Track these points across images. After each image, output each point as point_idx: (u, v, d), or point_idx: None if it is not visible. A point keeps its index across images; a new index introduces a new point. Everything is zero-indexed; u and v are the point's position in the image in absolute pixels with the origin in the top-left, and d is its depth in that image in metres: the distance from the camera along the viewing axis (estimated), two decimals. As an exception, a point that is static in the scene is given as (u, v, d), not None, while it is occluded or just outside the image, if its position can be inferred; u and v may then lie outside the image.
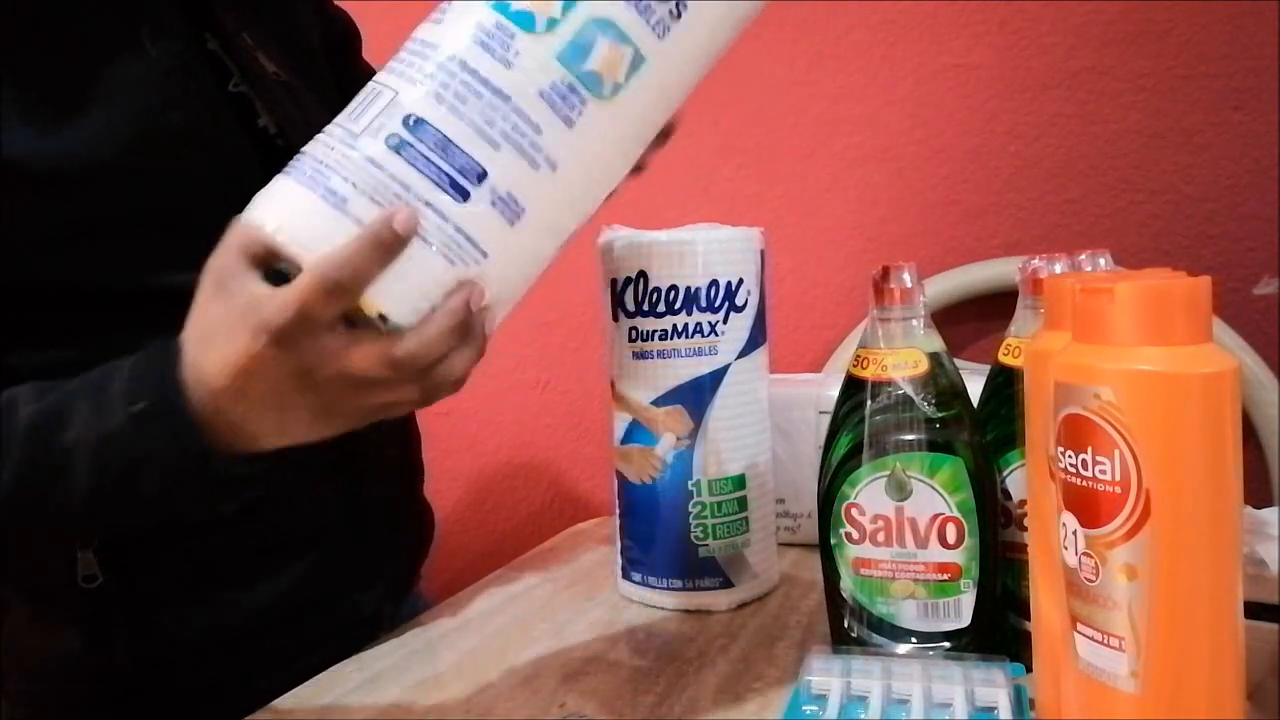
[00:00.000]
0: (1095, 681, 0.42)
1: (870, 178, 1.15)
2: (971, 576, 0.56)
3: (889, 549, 0.57)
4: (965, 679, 0.51)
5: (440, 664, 0.66)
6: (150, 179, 0.58)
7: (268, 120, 0.65)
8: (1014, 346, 0.58)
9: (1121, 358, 0.40)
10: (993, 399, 0.60)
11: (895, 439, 0.56)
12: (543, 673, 0.64)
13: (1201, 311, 0.40)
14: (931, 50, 1.12)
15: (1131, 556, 0.40)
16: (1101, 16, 1.06)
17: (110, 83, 0.56)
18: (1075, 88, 1.08)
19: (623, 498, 0.76)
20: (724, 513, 0.72)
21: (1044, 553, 0.48)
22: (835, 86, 1.15)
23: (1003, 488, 0.58)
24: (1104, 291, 0.40)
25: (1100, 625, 0.41)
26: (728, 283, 0.71)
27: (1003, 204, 1.11)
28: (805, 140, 1.17)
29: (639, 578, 0.75)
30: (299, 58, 0.70)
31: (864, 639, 0.58)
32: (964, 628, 0.57)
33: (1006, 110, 1.10)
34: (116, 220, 0.57)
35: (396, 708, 0.60)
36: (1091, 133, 1.07)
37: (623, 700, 0.59)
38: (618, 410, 0.75)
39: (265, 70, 0.66)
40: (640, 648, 0.67)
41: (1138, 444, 0.39)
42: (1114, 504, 0.40)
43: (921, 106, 1.13)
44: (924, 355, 0.57)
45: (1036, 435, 0.48)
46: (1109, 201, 1.07)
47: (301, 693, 0.62)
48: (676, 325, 0.70)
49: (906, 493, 0.57)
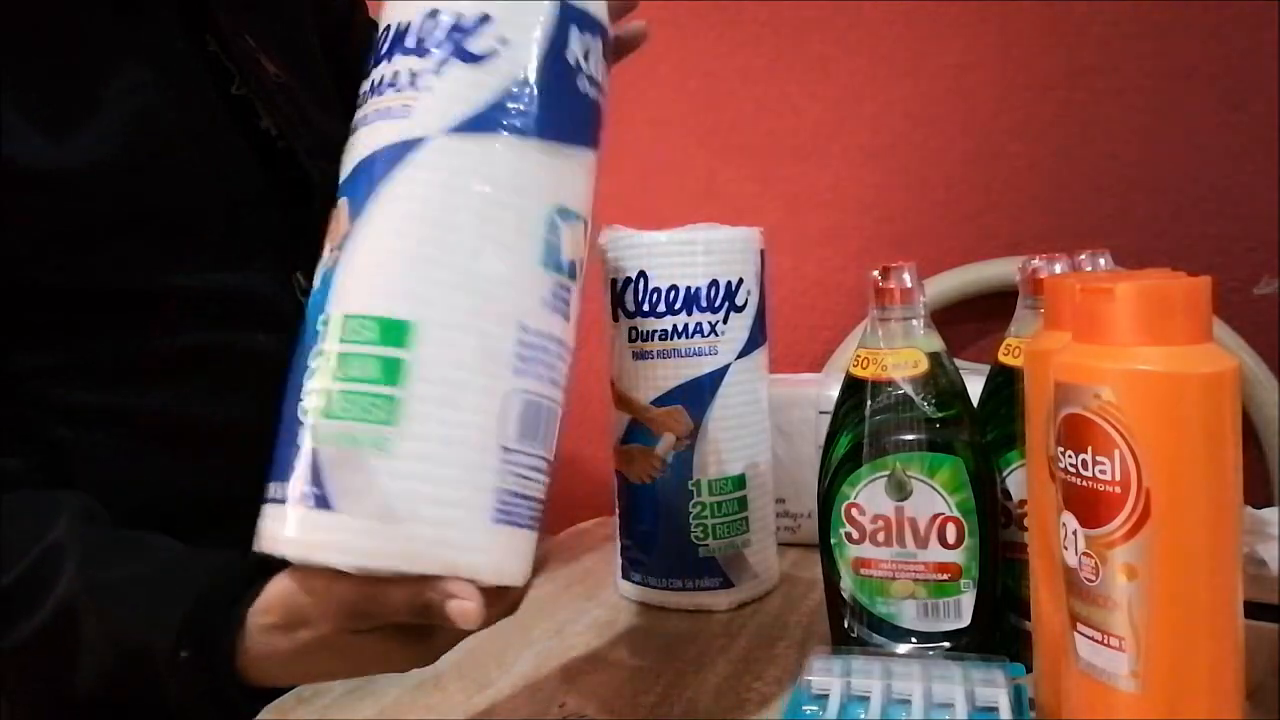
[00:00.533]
0: (1095, 681, 0.42)
1: (870, 178, 1.15)
2: (971, 576, 0.56)
3: (889, 549, 0.57)
4: (965, 679, 0.51)
5: (440, 664, 0.66)
6: (151, 181, 0.57)
7: (269, 122, 0.65)
8: (1014, 346, 0.58)
9: (1121, 358, 0.40)
10: (993, 399, 0.60)
11: (895, 439, 0.56)
12: (543, 673, 0.64)
13: (1201, 311, 0.40)
14: (931, 50, 1.12)
15: (1131, 556, 0.40)
16: (1101, 16, 1.06)
17: (112, 87, 0.56)
18: (1075, 88, 1.08)
19: (623, 498, 0.76)
20: (724, 513, 0.72)
21: (1044, 553, 0.48)
22: (835, 87, 1.16)
23: (1003, 488, 0.58)
24: (1104, 291, 0.40)
25: (1100, 625, 0.41)
26: (728, 283, 0.71)
27: (1003, 204, 1.11)
28: (805, 140, 1.17)
29: (639, 578, 0.75)
30: (297, 57, 0.70)
31: (864, 639, 0.58)
32: (964, 628, 0.57)
33: (1006, 110, 1.10)
34: (118, 222, 0.56)
35: (396, 707, 0.60)
36: (1091, 133, 1.07)
37: (623, 700, 0.59)
38: (618, 410, 0.75)
39: (266, 72, 0.65)
40: (640, 648, 0.67)
41: (1138, 444, 0.39)
42: (1114, 504, 0.40)
43: (921, 106, 1.13)
44: (924, 355, 0.57)
45: (1036, 435, 0.48)
46: (1109, 201, 1.07)
47: (302, 693, 0.62)
48: (676, 325, 0.71)
49: (906, 493, 0.57)
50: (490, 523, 0.43)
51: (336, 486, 0.41)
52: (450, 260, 0.43)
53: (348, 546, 0.41)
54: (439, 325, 0.42)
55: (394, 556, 0.41)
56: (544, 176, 0.45)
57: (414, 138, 0.43)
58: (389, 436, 0.41)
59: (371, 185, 0.44)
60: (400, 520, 0.41)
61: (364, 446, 0.41)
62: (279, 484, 0.42)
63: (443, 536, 0.42)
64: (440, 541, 0.42)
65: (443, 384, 0.42)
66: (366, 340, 0.42)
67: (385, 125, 0.44)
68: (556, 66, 0.45)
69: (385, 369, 0.41)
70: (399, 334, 0.42)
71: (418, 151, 0.43)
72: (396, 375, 0.41)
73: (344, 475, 0.41)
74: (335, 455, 0.41)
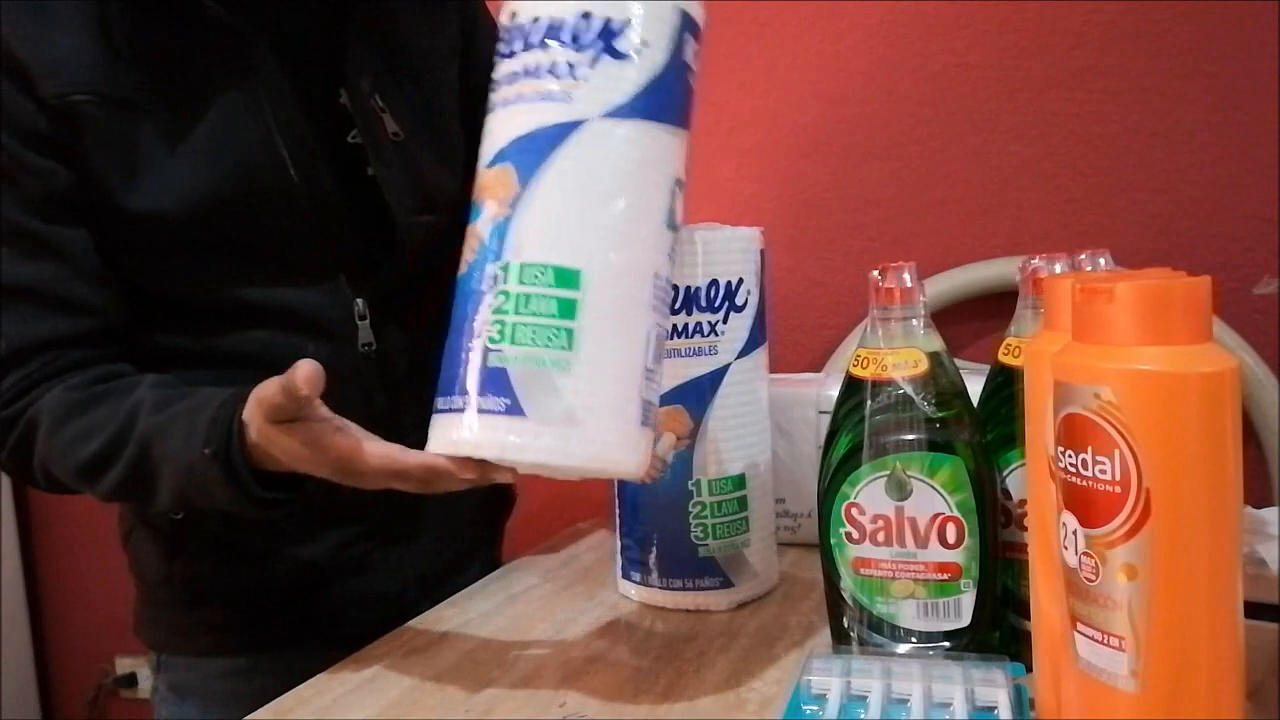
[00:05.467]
0: (1095, 681, 0.42)
1: (870, 178, 1.15)
2: (971, 576, 0.56)
3: (889, 549, 0.57)
4: (965, 679, 0.51)
5: (440, 664, 0.66)
6: (255, 219, 0.69)
7: (377, 170, 0.73)
8: (1014, 346, 0.58)
9: (1121, 357, 0.40)
10: (993, 399, 0.60)
11: (895, 439, 0.56)
12: (543, 673, 0.64)
13: (1201, 311, 0.40)
14: (931, 50, 1.12)
15: (1131, 556, 0.40)
16: (1101, 16, 1.06)
17: (227, 136, 0.67)
18: (1075, 88, 1.08)
19: (623, 498, 0.76)
20: (724, 513, 0.72)
21: (1044, 553, 0.48)
22: (835, 86, 1.16)
23: (1003, 488, 0.58)
24: (1104, 291, 0.40)
25: (1100, 625, 0.41)
26: (728, 283, 0.71)
27: (1003, 204, 1.11)
28: (805, 140, 1.17)
29: (639, 578, 0.75)
30: (425, 119, 0.78)
31: (864, 639, 0.58)
32: (964, 627, 0.57)
33: (1006, 110, 1.10)
34: (213, 248, 0.69)
35: (396, 708, 0.60)
36: (1091, 133, 1.07)
37: (623, 700, 0.59)
38: (618, 410, 0.75)
39: (385, 131, 0.74)
40: (640, 648, 0.68)
41: (1138, 444, 0.39)
42: (1114, 504, 0.40)
43: (921, 106, 1.13)
44: (924, 355, 0.57)
45: (1036, 435, 0.48)
46: (1109, 201, 1.07)
47: (302, 693, 0.62)
48: (676, 325, 0.70)
49: (906, 493, 0.57)
50: (639, 426, 0.55)
51: (528, 398, 0.52)
52: (607, 222, 0.54)
53: (540, 447, 0.52)
54: (600, 273, 0.53)
55: (577, 457, 0.52)
56: (670, 154, 0.56)
57: (576, 119, 0.54)
58: (569, 360, 0.52)
59: (540, 156, 0.54)
60: (581, 424, 0.52)
61: (549, 367, 0.52)
62: (459, 396, 0.53)
63: (609, 437, 0.53)
64: (607, 441, 0.53)
65: (607, 319, 0.53)
66: (545, 284, 0.53)
67: (547, 107, 0.54)
68: (678, 65, 0.56)
69: (562, 307, 0.53)
70: (572, 279, 0.53)
71: (580, 132, 0.53)
72: (573, 311, 0.53)
73: (534, 389, 0.52)
74: (525, 373, 0.52)
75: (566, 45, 0.54)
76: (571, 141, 0.53)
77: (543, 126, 0.54)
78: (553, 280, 0.52)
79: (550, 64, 0.54)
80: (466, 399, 0.53)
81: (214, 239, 0.68)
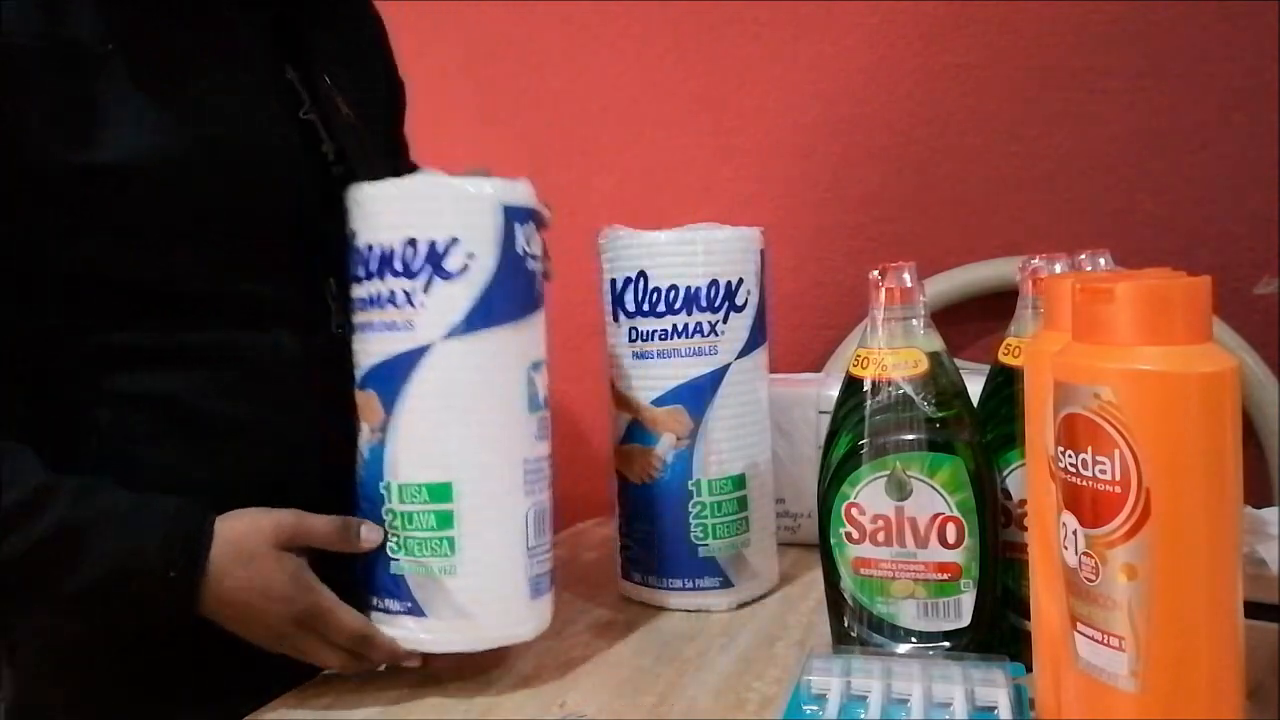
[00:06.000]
0: (1095, 681, 0.42)
1: (870, 178, 1.15)
2: (971, 576, 0.56)
3: (889, 549, 0.57)
4: (965, 679, 0.51)
5: (440, 664, 0.66)
6: (213, 183, 0.63)
7: (329, 147, 0.71)
8: (1014, 346, 0.58)
9: (1121, 357, 0.40)
10: (993, 399, 0.60)
11: (895, 439, 0.56)
12: (543, 673, 0.64)
13: (1201, 311, 0.40)
14: (931, 50, 1.12)
15: (1131, 556, 0.40)
16: (1101, 16, 1.06)
17: (202, 94, 0.64)
18: (1075, 88, 1.07)
19: (623, 498, 0.76)
20: (724, 513, 0.72)
21: (1044, 553, 0.48)
22: (835, 86, 1.15)
23: (1003, 488, 0.58)
24: (1104, 291, 0.40)
25: (1100, 625, 0.41)
26: (728, 283, 0.71)
27: (1003, 204, 1.11)
28: (805, 140, 1.17)
29: (639, 578, 0.75)
30: (368, 110, 0.76)
31: (864, 639, 0.58)
32: (964, 627, 0.57)
33: (1006, 110, 1.10)
34: (178, 226, 0.63)
35: (396, 708, 0.60)
36: (1091, 133, 1.07)
37: (623, 700, 0.59)
38: (618, 410, 0.75)
39: (339, 109, 0.72)
40: (640, 648, 0.67)
41: (1138, 444, 0.39)
42: (1114, 504, 0.40)
43: (921, 106, 1.13)
44: (924, 355, 0.57)
45: (1036, 435, 0.48)
46: (1109, 201, 1.07)
47: (302, 693, 0.62)
48: (676, 325, 0.71)
49: (906, 492, 0.57)
50: (529, 600, 0.61)
51: (426, 601, 0.60)
52: (470, 432, 0.59)
53: (440, 641, 0.60)
54: (470, 481, 0.59)
55: (476, 642, 0.61)
56: (518, 346, 0.61)
57: (421, 345, 0.59)
58: (454, 565, 0.59)
59: (395, 384, 0.59)
60: (473, 616, 0.60)
61: (438, 575, 0.59)
62: (372, 595, 0.61)
63: (500, 621, 0.61)
64: (499, 625, 0.61)
65: (483, 519, 0.60)
66: (422, 500, 0.59)
67: (393, 336, 0.60)
68: (511, 261, 0.59)
69: (440, 519, 0.59)
70: (444, 493, 0.59)
71: (427, 356, 0.59)
72: (450, 521, 0.59)
73: (429, 592, 0.60)
74: (419, 580, 0.60)
75: (400, 275, 0.59)
76: (423, 366, 0.59)
77: (394, 355, 0.60)
78: (428, 497, 0.59)
79: (390, 293, 0.59)
80: (378, 599, 0.61)
81: (184, 213, 0.63)
